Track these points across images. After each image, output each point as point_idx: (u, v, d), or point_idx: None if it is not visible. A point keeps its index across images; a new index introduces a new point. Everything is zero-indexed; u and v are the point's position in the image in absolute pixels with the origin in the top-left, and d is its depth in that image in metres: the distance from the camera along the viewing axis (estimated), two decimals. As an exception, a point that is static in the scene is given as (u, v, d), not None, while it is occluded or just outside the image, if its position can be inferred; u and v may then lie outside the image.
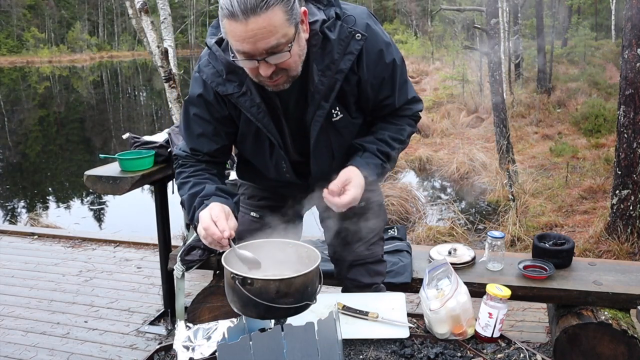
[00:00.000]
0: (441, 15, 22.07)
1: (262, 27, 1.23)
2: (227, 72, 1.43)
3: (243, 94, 1.44)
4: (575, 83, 14.94)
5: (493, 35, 6.88)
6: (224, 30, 1.28)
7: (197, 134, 1.55)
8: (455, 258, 2.28)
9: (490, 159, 7.96)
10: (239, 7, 1.21)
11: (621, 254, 4.23)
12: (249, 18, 1.21)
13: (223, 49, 1.43)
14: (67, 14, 58.91)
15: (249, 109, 1.45)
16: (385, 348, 1.46)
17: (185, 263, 2.44)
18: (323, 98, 1.45)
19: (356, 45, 1.42)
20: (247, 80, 1.42)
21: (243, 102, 1.45)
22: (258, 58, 1.28)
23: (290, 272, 1.29)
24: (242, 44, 1.26)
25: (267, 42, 1.25)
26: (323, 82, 1.43)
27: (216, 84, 1.45)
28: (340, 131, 1.55)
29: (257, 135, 1.54)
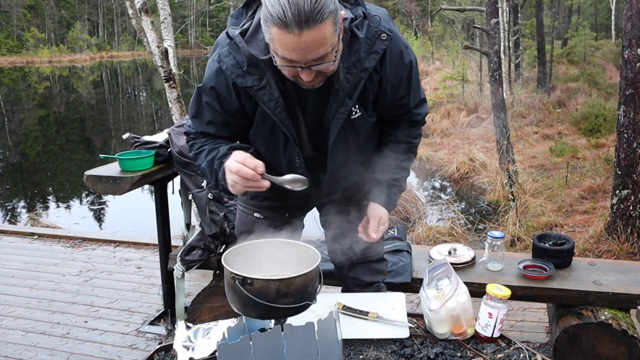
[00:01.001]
0: (441, 15, 22.06)
1: (314, 39, 1.24)
2: (248, 64, 1.40)
3: (262, 88, 1.42)
4: (575, 83, 14.94)
5: (493, 35, 6.88)
6: (270, 36, 1.27)
7: (207, 121, 1.56)
8: (455, 258, 2.28)
9: (490, 159, 7.96)
10: (293, 18, 1.20)
11: (621, 254, 4.23)
12: (303, 31, 1.21)
13: (246, 41, 1.41)
14: (67, 14, 58.89)
15: (267, 103, 1.44)
16: (385, 348, 1.46)
17: (185, 263, 2.44)
18: (347, 96, 1.46)
19: (381, 45, 1.44)
20: (267, 74, 1.41)
21: (261, 96, 1.43)
22: (303, 66, 1.30)
23: (290, 272, 1.29)
24: (291, 54, 1.27)
25: (317, 53, 1.27)
26: (348, 79, 1.43)
27: (236, 75, 1.42)
28: (357, 129, 1.57)
29: (272, 130, 1.52)
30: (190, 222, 2.69)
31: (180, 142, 2.48)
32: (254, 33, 1.41)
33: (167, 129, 2.65)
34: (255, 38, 1.41)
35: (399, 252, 2.40)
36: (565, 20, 26.20)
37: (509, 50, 13.86)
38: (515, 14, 15.17)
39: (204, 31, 68.37)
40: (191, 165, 2.45)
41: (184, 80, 24.85)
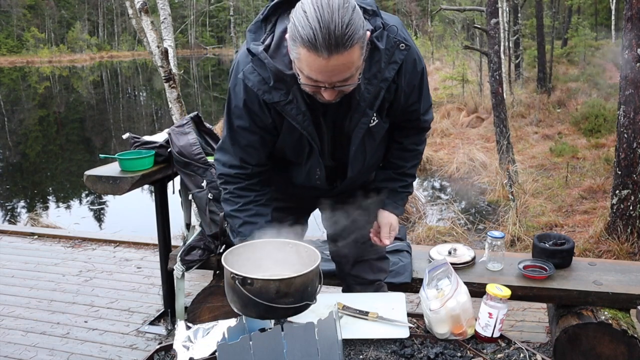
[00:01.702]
0: (441, 15, 22.05)
1: (342, 63, 1.25)
2: (275, 80, 1.40)
3: (289, 102, 1.43)
4: (575, 83, 14.94)
5: (493, 35, 6.87)
6: (297, 56, 1.27)
7: (244, 145, 1.56)
8: (455, 258, 2.28)
9: (490, 159, 7.96)
10: (324, 42, 1.20)
11: (621, 254, 4.23)
12: (332, 55, 1.22)
13: (270, 56, 1.40)
14: (67, 14, 58.89)
15: (295, 117, 1.45)
16: (385, 348, 1.46)
17: (185, 263, 2.44)
18: (368, 106, 1.48)
19: (400, 55, 1.45)
20: (293, 89, 1.41)
21: (289, 110, 1.44)
22: (327, 86, 1.30)
23: (290, 272, 1.29)
24: (317, 75, 1.28)
25: (342, 76, 1.28)
26: (369, 90, 1.45)
27: (262, 91, 1.42)
28: (374, 136, 1.60)
29: (297, 143, 1.54)
30: (190, 222, 2.69)
31: (180, 142, 2.48)
32: (277, 48, 1.41)
33: (167, 129, 2.65)
34: (278, 53, 1.41)
35: (399, 252, 2.40)
36: (565, 20, 26.19)
37: (509, 50, 13.86)
38: (515, 14, 15.18)
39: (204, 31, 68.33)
40: (191, 165, 2.45)
41: (184, 80, 24.86)
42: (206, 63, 44.71)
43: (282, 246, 1.43)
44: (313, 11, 1.21)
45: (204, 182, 2.44)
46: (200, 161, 2.44)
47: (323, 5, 1.20)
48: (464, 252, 2.33)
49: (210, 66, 42.32)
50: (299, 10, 1.24)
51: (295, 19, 1.25)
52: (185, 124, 2.56)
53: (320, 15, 1.20)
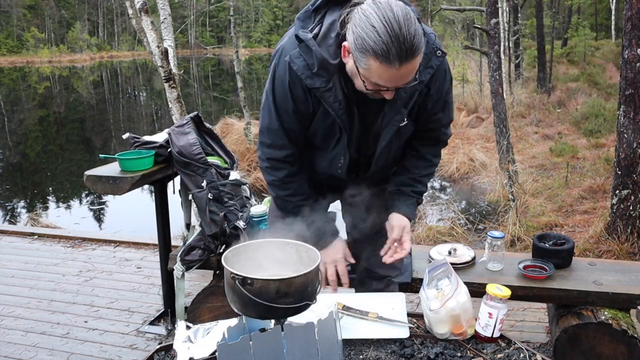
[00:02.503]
0: (441, 15, 22.04)
1: (409, 70, 1.36)
2: (318, 67, 1.47)
3: (329, 90, 1.50)
4: (575, 83, 14.95)
5: (493, 35, 6.87)
6: (366, 66, 1.35)
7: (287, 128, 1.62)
8: (455, 258, 2.28)
9: (490, 159, 7.96)
10: (396, 54, 1.30)
11: (621, 254, 4.23)
12: (402, 64, 1.32)
13: (318, 44, 1.47)
14: (67, 14, 58.88)
15: (332, 104, 1.52)
16: (385, 348, 1.46)
17: (185, 263, 2.44)
18: (403, 105, 1.56)
19: (436, 61, 1.55)
20: (333, 78, 1.49)
21: (327, 97, 1.51)
22: (391, 89, 1.41)
23: (290, 272, 1.29)
24: (387, 82, 1.38)
25: (407, 80, 1.39)
26: (406, 90, 1.51)
27: (305, 76, 1.49)
28: (402, 136, 1.68)
29: (329, 129, 1.61)
30: (190, 222, 2.69)
31: (180, 142, 2.48)
32: (324, 38, 1.48)
33: (167, 129, 2.65)
34: (325, 43, 1.48)
35: (399, 252, 2.40)
36: (565, 20, 26.19)
37: (509, 50, 13.87)
38: (515, 14, 15.18)
39: (204, 31, 68.31)
40: (191, 165, 2.45)
41: (184, 80, 24.85)
42: (206, 63, 44.71)
43: (282, 246, 1.43)
44: (382, 26, 1.29)
45: (204, 182, 2.44)
46: (200, 161, 2.44)
47: (391, 18, 1.29)
48: (464, 252, 2.33)
49: (210, 66, 42.32)
50: (364, 23, 1.32)
51: (361, 31, 1.33)
52: (185, 124, 2.56)
53: (390, 29, 1.28)
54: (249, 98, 13.78)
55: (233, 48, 9.90)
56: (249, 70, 35.58)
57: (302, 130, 1.64)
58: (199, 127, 2.67)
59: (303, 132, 1.65)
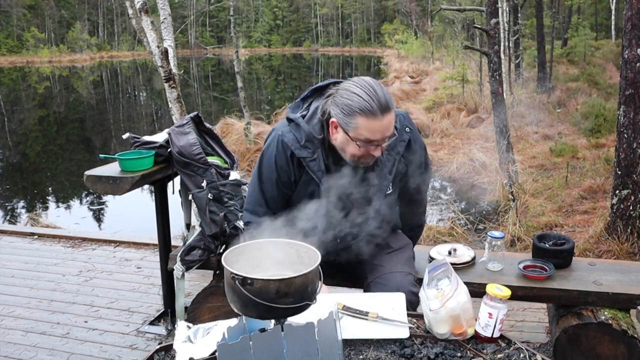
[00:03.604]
0: (441, 15, 22.06)
1: (389, 121, 1.69)
2: (305, 140, 1.80)
3: (313, 160, 1.81)
4: (575, 83, 14.94)
5: (493, 35, 6.87)
6: (355, 125, 1.67)
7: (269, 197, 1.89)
8: (455, 258, 2.28)
9: (490, 159, 7.95)
10: (378, 108, 1.64)
11: (621, 254, 4.23)
12: (384, 115, 1.66)
13: (306, 123, 1.81)
14: (67, 14, 58.90)
15: (316, 172, 1.81)
16: (385, 348, 1.46)
17: (185, 263, 2.44)
18: (388, 172, 1.86)
19: (406, 135, 1.88)
20: (317, 150, 1.80)
21: (312, 166, 1.81)
22: (379, 143, 1.71)
23: (290, 272, 1.29)
24: (375, 134, 1.68)
25: (389, 130, 1.71)
26: (389, 159, 1.85)
27: (295, 147, 1.81)
28: (390, 203, 1.92)
29: (310, 196, 1.84)
30: (190, 222, 2.69)
31: (180, 142, 2.48)
32: (310, 118, 1.81)
33: (167, 129, 2.65)
34: (311, 122, 1.80)
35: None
36: (565, 20, 26.19)
37: (509, 50, 13.86)
38: (515, 14, 15.17)
39: (204, 31, 68.32)
40: (191, 165, 2.45)
41: (184, 80, 24.86)
42: (206, 63, 44.72)
43: (282, 246, 1.43)
44: (362, 91, 1.65)
45: (204, 182, 2.44)
46: (200, 161, 2.44)
47: (367, 84, 1.66)
48: (464, 252, 2.33)
49: (210, 66, 42.32)
50: (346, 94, 1.68)
51: (346, 100, 1.67)
52: (185, 124, 2.56)
53: (368, 91, 1.65)
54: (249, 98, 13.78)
55: (233, 48, 9.90)
56: (249, 70, 35.60)
57: (282, 200, 1.89)
58: (199, 127, 2.67)
59: (282, 202, 1.89)
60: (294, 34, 76.18)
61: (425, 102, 13.99)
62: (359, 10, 71.61)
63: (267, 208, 1.90)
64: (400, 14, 58.91)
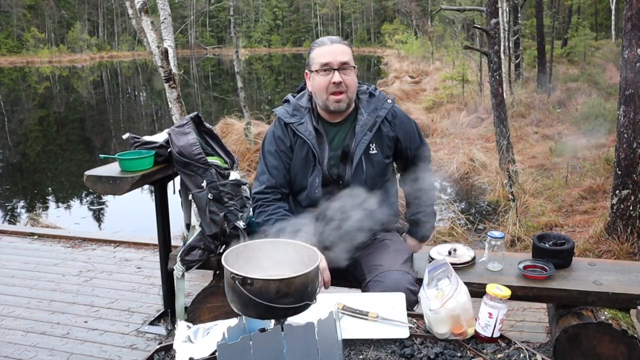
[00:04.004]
0: (441, 15, 22.06)
1: (339, 48, 2.06)
2: (293, 109, 2.16)
3: (301, 124, 2.12)
4: (575, 83, 14.93)
5: (493, 35, 6.87)
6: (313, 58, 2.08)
7: (271, 167, 2.14)
8: (455, 258, 2.28)
9: (490, 159, 7.95)
10: (327, 40, 2.09)
11: (621, 254, 4.23)
12: (333, 44, 2.07)
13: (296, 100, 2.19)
14: (67, 14, 58.91)
15: (303, 133, 2.10)
16: (385, 348, 1.46)
17: (185, 263, 2.44)
18: (368, 129, 2.10)
19: (387, 105, 2.15)
20: (305, 116, 2.13)
21: (300, 128, 2.11)
22: (335, 67, 2.01)
23: (290, 272, 1.29)
24: (327, 57, 2.03)
25: (342, 57, 2.03)
26: (369, 119, 2.11)
27: (284, 116, 2.15)
28: (373, 164, 2.11)
29: (306, 157, 2.11)
30: (190, 222, 2.69)
31: (180, 142, 2.48)
32: (300, 97, 2.22)
33: (167, 129, 2.65)
34: (300, 99, 2.20)
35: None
36: (565, 20, 26.19)
37: (509, 50, 13.86)
38: (515, 14, 15.17)
39: (204, 31, 68.30)
40: (191, 165, 2.45)
41: (184, 81, 24.85)
42: (206, 63, 44.71)
43: (282, 246, 1.43)
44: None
45: (204, 182, 2.44)
46: (200, 161, 2.44)
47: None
48: (464, 252, 2.33)
49: (210, 66, 42.32)
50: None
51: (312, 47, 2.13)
52: (185, 124, 2.56)
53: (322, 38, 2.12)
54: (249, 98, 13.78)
55: (233, 48, 9.90)
56: (249, 70, 35.60)
57: (283, 169, 2.14)
58: (199, 127, 2.67)
59: (282, 170, 2.14)
60: (294, 34, 76.17)
61: (425, 102, 13.99)
62: (359, 10, 71.62)
63: (269, 175, 2.14)
64: (400, 14, 58.91)
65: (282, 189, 2.15)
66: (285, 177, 2.15)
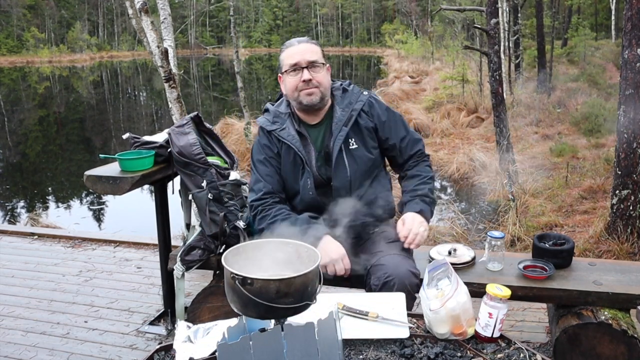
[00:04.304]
0: (441, 15, 22.05)
1: (307, 47, 2.06)
2: (273, 117, 2.16)
3: (283, 129, 2.12)
4: (575, 83, 14.93)
5: (493, 35, 6.87)
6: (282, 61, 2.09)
7: (264, 175, 2.13)
8: (455, 258, 2.28)
9: (490, 159, 7.95)
10: (295, 41, 2.10)
11: (621, 254, 4.23)
12: (300, 44, 2.07)
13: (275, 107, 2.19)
14: (67, 14, 58.92)
15: (287, 138, 2.10)
16: (385, 348, 1.46)
17: (185, 263, 2.44)
18: (343, 124, 2.09)
19: (363, 97, 2.15)
20: (286, 122, 2.12)
21: (283, 134, 2.10)
22: (304, 66, 2.02)
23: (290, 272, 1.29)
24: (295, 57, 2.03)
25: (310, 55, 2.04)
26: (343, 114, 2.10)
27: (266, 124, 2.15)
28: (356, 159, 2.09)
29: (293, 161, 2.11)
30: (190, 222, 2.69)
31: (180, 142, 2.48)
32: (278, 104, 2.21)
33: (167, 129, 2.65)
34: (279, 106, 2.19)
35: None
36: (565, 20, 26.19)
37: (509, 50, 13.86)
38: (515, 14, 15.17)
39: (204, 31, 68.29)
40: (191, 165, 2.45)
41: (184, 81, 24.85)
42: (206, 63, 44.71)
43: (282, 246, 1.43)
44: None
45: (204, 182, 2.44)
46: (200, 161, 2.44)
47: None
48: (464, 252, 2.33)
49: (210, 66, 42.32)
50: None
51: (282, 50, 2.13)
52: (185, 124, 2.56)
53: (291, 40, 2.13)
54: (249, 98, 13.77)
55: (233, 48, 9.89)
56: (249, 70, 35.59)
57: (275, 174, 2.13)
58: (199, 127, 2.67)
59: (275, 176, 2.13)
60: (294, 34, 76.04)
61: (425, 102, 13.99)
62: (359, 10, 71.63)
63: (264, 182, 2.13)
64: (400, 14, 58.92)
65: (279, 194, 2.13)
66: (279, 183, 2.14)
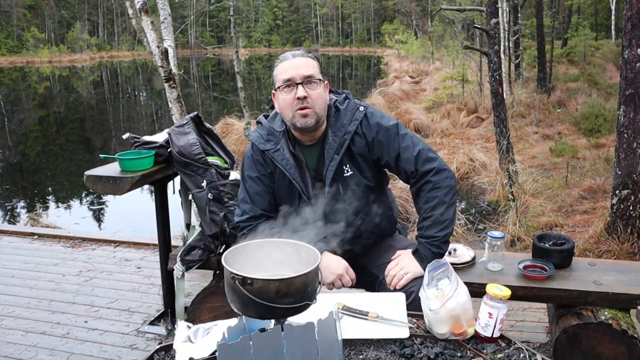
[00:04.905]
0: (441, 15, 22.05)
1: (302, 62, 1.88)
2: (267, 134, 1.98)
3: (277, 150, 1.95)
4: (575, 83, 14.94)
5: (493, 35, 6.87)
6: (275, 76, 1.91)
7: (253, 193, 2.00)
8: (455, 258, 2.28)
9: (490, 159, 7.95)
10: (290, 55, 1.92)
11: (621, 254, 4.23)
12: (295, 58, 1.90)
13: (269, 122, 2.02)
14: (67, 14, 58.93)
15: (281, 162, 1.94)
16: (385, 348, 1.46)
17: (185, 263, 2.44)
18: (335, 152, 1.92)
19: (359, 114, 1.95)
20: (280, 142, 1.95)
21: (277, 157, 1.94)
22: (298, 82, 1.84)
23: (290, 272, 1.29)
24: (289, 71, 1.86)
25: (306, 70, 1.86)
26: (335, 140, 1.92)
27: (259, 142, 1.98)
28: (350, 186, 1.95)
29: (289, 187, 1.97)
30: (190, 222, 2.69)
31: (180, 142, 2.48)
32: (273, 118, 2.04)
33: (167, 129, 2.65)
34: (273, 121, 2.02)
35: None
36: (565, 20, 26.18)
37: (509, 50, 13.86)
38: (515, 14, 15.17)
39: (204, 31, 68.31)
40: (191, 165, 2.45)
41: (184, 81, 24.86)
42: (206, 63, 44.72)
43: (282, 246, 1.43)
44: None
45: (204, 182, 2.44)
46: (200, 161, 2.44)
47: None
48: (464, 252, 2.33)
49: (210, 66, 42.33)
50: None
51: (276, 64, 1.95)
52: (185, 124, 2.56)
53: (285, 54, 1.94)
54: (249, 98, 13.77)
55: (233, 48, 9.90)
56: (249, 70, 35.61)
57: (267, 194, 1.99)
58: (199, 127, 2.67)
59: (266, 196, 1.99)
60: (294, 34, 76.21)
61: (425, 102, 14.00)
62: (359, 10, 71.65)
63: (251, 204, 1.99)
64: (400, 14, 58.94)
65: (267, 213, 2.00)
66: (270, 202, 2.00)
